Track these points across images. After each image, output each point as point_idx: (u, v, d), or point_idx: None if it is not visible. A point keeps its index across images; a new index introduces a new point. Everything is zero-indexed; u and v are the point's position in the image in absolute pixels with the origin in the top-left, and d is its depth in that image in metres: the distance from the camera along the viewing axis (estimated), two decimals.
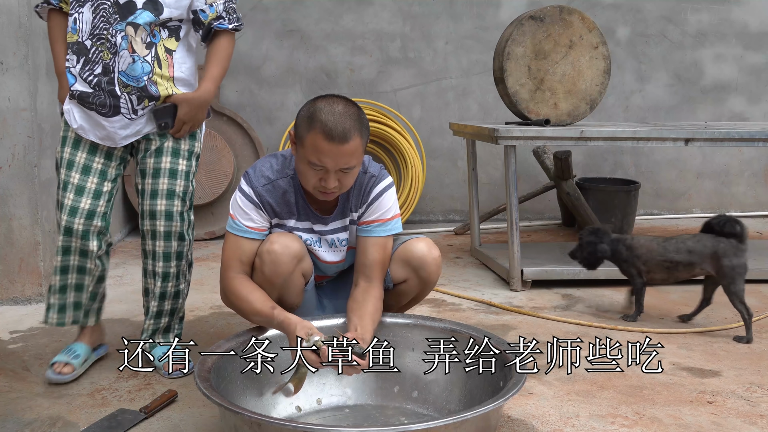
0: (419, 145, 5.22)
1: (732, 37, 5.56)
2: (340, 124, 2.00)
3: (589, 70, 3.82)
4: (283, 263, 2.17)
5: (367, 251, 2.23)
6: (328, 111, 2.01)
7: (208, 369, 1.95)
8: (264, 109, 5.23)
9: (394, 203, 2.28)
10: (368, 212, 2.25)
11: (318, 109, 2.03)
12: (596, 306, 3.36)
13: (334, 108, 2.02)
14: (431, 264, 2.32)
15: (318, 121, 2.00)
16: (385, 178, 2.26)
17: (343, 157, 2.02)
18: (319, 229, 2.28)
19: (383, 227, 2.25)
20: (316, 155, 2.02)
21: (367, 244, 2.24)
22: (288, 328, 2.04)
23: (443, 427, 1.70)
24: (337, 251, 2.33)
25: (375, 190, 2.24)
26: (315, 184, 2.09)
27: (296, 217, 2.25)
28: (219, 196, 4.76)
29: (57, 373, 2.39)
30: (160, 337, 2.56)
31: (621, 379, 2.49)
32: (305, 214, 2.25)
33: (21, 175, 3.26)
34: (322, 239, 2.30)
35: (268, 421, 1.73)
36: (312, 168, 2.05)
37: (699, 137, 3.59)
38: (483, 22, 5.31)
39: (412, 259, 2.31)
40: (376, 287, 2.21)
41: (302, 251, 2.24)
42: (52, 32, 2.40)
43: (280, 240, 2.19)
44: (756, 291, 3.56)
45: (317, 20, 5.20)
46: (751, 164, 5.74)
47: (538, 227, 5.25)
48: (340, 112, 2.02)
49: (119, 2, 2.27)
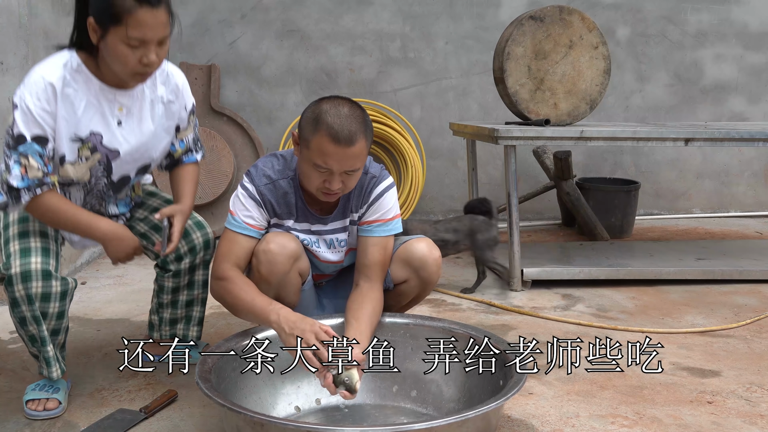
0: (419, 145, 5.22)
1: (732, 37, 5.56)
2: (347, 126, 1.99)
3: (589, 70, 3.82)
4: (279, 263, 2.17)
5: (368, 251, 2.23)
6: (334, 113, 2.01)
7: (209, 369, 1.95)
8: (264, 109, 5.23)
9: (395, 204, 2.28)
10: (369, 212, 2.25)
11: (323, 111, 2.02)
12: (596, 306, 3.36)
13: (339, 110, 2.02)
14: (432, 264, 2.32)
15: (324, 124, 2.00)
16: (385, 179, 2.27)
17: (348, 159, 2.02)
18: (318, 229, 2.28)
19: (384, 227, 2.25)
20: (321, 158, 2.02)
21: (367, 244, 2.24)
22: (288, 321, 2.02)
23: (445, 427, 1.70)
24: (336, 251, 2.33)
25: (376, 190, 2.25)
26: (318, 186, 2.09)
27: (294, 218, 2.25)
28: (219, 196, 4.76)
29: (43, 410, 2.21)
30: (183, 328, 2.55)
31: (621, 379, 2.49)
32: (304, 215, 2.25)
33: None
34: (320, 239, 2.30)
35: (271, 421, 1.73)
36: (316, 170, 2.05)
37: (699, 137, 3.59)
38: (483, 22, 5.31)
39: (413, 259, 2.32)
40: (376, 288, 2.21)
41: (299, 250, 2.24)
42: (59, 204, 2.09)
43: (277, 239, 2.19)
44: (756, 291, 3.57)
45: (317, 20, 5.20)
46: (751, 164, 5.74)
47: (538, 227, 5.25)
48: (345, 115, 2.01)
49: (114, 181, 2.22)
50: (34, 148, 1.99)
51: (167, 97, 2.23)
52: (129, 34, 1.91)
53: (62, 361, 2.22)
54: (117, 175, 2.21)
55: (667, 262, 3.83)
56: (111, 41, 1.94)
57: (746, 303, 3.38)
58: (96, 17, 1.95)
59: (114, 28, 1.92)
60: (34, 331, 2.12)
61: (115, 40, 1.93)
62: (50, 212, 2.06)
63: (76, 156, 2.09)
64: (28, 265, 2.05)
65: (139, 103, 2.17)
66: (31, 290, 2.05)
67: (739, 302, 3.40)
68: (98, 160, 2.13)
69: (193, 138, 2.39)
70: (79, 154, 2.09)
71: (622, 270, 3.69)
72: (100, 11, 1.94)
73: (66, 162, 2.08)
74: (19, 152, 1.98)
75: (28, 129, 1.98)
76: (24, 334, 2.17)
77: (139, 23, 1.90)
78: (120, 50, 1.94)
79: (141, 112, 2.17)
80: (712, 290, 3.60)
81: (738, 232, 5.06)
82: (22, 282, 2.04)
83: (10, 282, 2.05)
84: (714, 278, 3.70)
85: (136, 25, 1.90)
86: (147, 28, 1.91)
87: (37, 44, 3.30)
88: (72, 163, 2.09)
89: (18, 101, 1.99)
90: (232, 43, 5.14)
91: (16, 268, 2.05)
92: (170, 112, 2.25)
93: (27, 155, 1.98)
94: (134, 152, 2.19)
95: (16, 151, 1.98)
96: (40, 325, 2.11)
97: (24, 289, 2.04)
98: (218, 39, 5.12)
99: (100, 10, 1.93)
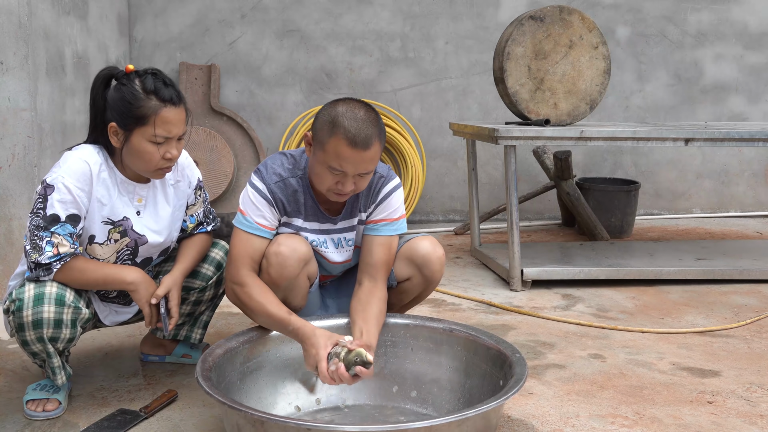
0: (419, 145, 5.22)
1: (732, 37, 5.56)
2: (363, 130, 2.01)
3: (589, 70, 3.82)
4: (289, 266, 2.17)
5: (373, 250, 2.24)
6: (351, 116, 2.02)
7: (209, 368, 1.95)
8: (264, 109, 5.24)
9: (401, 204, 2.30)
10: (376, 212, 2.27)
11: (340, 114, 2.03)
12: (596, 306, 3.36)
13: (356, 113, 2.03)
14: (435, 262, 2.33)
15: (341, 127, 2.00)
16: (393, 179, 2.29)
17: (363, 162, 2.04)
18: (327, 228, 2.29)
19: (390, 227, 2.26)
20: (337, 161, 2.02)
21: (373, 243, 2.25)
22: (305, 337, 2.04)
23: (445, 426, 1.70)
24: (344, 251, 2.34)
25: (384, 190, 2.26)
26: (330, 186, 2.09)
27: (303, 217, 2.25)
28: (219, 195, 4.76)
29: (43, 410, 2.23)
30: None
31: (621, 379, 2.50)
32: (313, 214, 2.25)
33: (21, 175, 3.26)
34: (328, 239, 2.30)
35: (272, 419, 1.73)
36: (331, 172, 2.06)
37: (699, 137, 3.59)
38: (483, 22, 5.31)
39: (416, 257, 2.33)
40: (380, 288, 2.22)
41: (309, 254, 2.24)
42: (86, 264, 2.13)
43: (288, 242, 2.19)
44: (756, 291, 3.57)
45: (317, 20, 5.20)
46: (751, 164, 5.75)
47: (538, 227, 5.25)
48: (362, 118, 2.02)
49: (137, 263, 2.29)
50: (67, 228, 2.07)
51: (175, 179, 2.33)
52: (156, 133, 2.06)
53: (67, 367, 2.23)
54: (141, 257, 2.29)
55: (667, 262, 3.83)
56: (136, 141, 2.08)
57: (746, 303, 3.38)
58: (119, 121, 2.08)
59: (140, 128, 2.07)
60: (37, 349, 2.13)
61: (141, 140, 2.08)
62: (78, 272, 2.11)
63: (105, 237, 2.18)
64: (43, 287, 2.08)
65: (153, 191, 2.27)
66: (42, 314, 2.06)
67: (739, 302, 3.40)
68: (126, 244, 2.22)
69: (203, 212, 2.44)
70: (108, 236, 2.19)
71: (622, 270, 3.69)
72: (123, 115, 2.07)
73: (95, 242, 2.17)
74: (52, 232, 2.05)
75: (65, 209, 2.06)
76: (26, 352, 2.18)
77: (164, 121, 2.06)
78: (145, 148, 2.08)
79: (156, 198, 2.27)
80: (712, 290, 3.60)
81: (738, 232, 5.06)
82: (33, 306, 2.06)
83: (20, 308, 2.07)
84: (714, 278, 3.70)
85: (162, 123, 2.06)
86: (171, 125, 2.08)
87: (37, 44, 3.31)
88: (100, 243, 2.19)
89: (55, 182, 2.06)
90: (232, 43, 5.14)
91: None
92: (179, 191, 2.35)
93: (60, 235, 2.05)
94: (158, 237, 2.27)
95: (48, 232, 2.05)
96: (46, 345, 2.11)
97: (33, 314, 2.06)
98: (218, 39, 5.13)
99: (123, 114, 2.07)
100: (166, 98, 2.06)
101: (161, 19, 5.08)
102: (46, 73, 3.43)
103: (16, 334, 2.10)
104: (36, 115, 3.28)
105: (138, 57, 5.06)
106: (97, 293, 2.30)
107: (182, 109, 2.11)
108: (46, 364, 2.18)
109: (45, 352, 2.12)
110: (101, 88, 2.12)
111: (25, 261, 2.15)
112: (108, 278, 2.15)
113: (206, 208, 2.45)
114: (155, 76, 2.09)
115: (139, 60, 5.06)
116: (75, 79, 3.84)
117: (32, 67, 3.24)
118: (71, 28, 3.81)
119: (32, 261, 2.06)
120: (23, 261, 2.18)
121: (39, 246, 2.04)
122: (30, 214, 2.08)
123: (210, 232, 2.46)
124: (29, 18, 3.20)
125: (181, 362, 2.60)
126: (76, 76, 3.86)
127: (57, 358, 2.15)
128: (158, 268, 2.44)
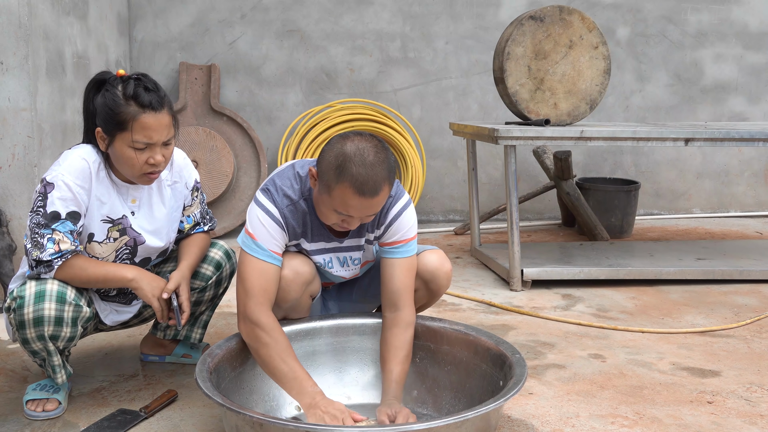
0: (419, 145, 5.22)
1: (732, 37, 5.56)
2: (372, 177, 1.90)
3: (589, 70, 3.82)
4: (292, 290, 2.16)
5: (394, 277, 2.15)
6: (359, 162, 1.90)
7: (209, 369, 1.95)
8: (264, 109, 5.23)
9: (414, 222, 2.19)
10: (388, 234, 2.17)
11: (348, 159, 1.91)
12: (596, 306, 3.36)
13: (365, 158, 1.90)
14: (442, 278, 2.29)
15: (348, 175, 1.89)
16: (402, 197, 2.17)
17: (371, 208, 1.96)
18: (333, 246, 2.23)
19: (405, 248, 2.17)
20: (344, 207, 1.95)
21: (393, 269, 2.15)
22: (313, 402, 1.98)
23: (444, 427, 1.70)
24: (349, 269, 2.29)
25: (393, 210, 2.16)
26: (336, 223, 2.05)
27: (309, 238, 2.19)
28: (219, 195, 4.75)
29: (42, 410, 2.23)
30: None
31: (621, 379, 2.50)
32: (319, 234, 2.19)
33: (21, 175, 3.26)
34: (334, 258, 2.25)
35: (270, 421, 1.73)
36: (336, 214, 1.99)
37: (699, 137, 3.59)
38: (483, 22, 5.31)
39: (424, 271, 2.27)
40: (404, 314, 2.15)
41: (312, 275, 2.21)
42: (87, 262, 2.13)
43: (291, 265, 2.14)
44: (756, 291, 3.57)
45: (317, 20, 5.20)
46: (751, 164, 5.75)
47: (538, 227, 5.25)
48: (371, 163, 1.91)
49: (136, 263, 2.29)
50: (67, 225, 2.07)
51: (172, 179, 2.33)
52: (135, 138, 2.06)
53: (68, 366, 2.23)
54: (139, 257, 2.29)
55: (667, 262, 3.83)
56: (118, 146, 2.09)
57: (746, 303, 3.39)
58: (103, 127, 2.09)
59: (120, 134, 2.07)
60: (38, 347, 2.13)
61: (122, 145, 2.08)
62: (79, 269, 2.11)
63: (104, 236, 2.19)
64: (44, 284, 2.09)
65: (148, 191, 2.27)
66: (43, 312, 2.06)
67: (739, 302, 3.40)
68: (125, 242, 2.22)
69: (200, 213, 2.44)
70: (108, 235, 2.19)
71: (622, 270, 3.69)
72: (106, 121, 2.08)
73: (93, 240, 2.17)
74: (53, 229, 2.05)
75: (65, 206, 2.07)
76: (26, 351, 2.17)
77: (143, 127, 2.05)
78: (127, 153, 2.08)
79: (150, 200, 2.27)
80: (712, 290, 3.60)
81: (738, 232, 5.06)
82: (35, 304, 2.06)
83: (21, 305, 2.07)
84: (714, 278, 3.70)
85: (141, 129, 2.05)
86: (151, 130, 2.07)
87: (37, 44, 3.31)
88: (99, 242, 2.19)
89: (54, 179, 2.07)
90: (232, 43, 5.14)
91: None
92: (177, 192, 2.35)
93: (61, 232, 2.06)
94: (153, 237, 2.27)
95: (49, 229, 2.05)
96: (47, 343, 2.11)
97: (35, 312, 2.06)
98: (218, 39, 5.12)
99: (106, 120, 2.08)
100: (145, 104, 2.04)
101: (161, 19, 5.08)
102: (46, 73, 3.43)
103: (17, 332, 2.10)
104: (36, 115, 3.28)
105: (138, 57, 5.07)
106: (98, 292, 2.30)
107: (165, 114, 2.08)
108: (46, 363, 2.18)
109: (45, 350, 2.12)
110: (92, 93, 2.13)
111: (26, 263, 2.15)
112: (109, 275, 2.15)
113: (203, 209, 2.46)
114: (138, 81, 2.08)
115: (139, 60, 5.06)
116: (75, 79, 3.84)
117: (32, 67, 3.24)
118: (71, 28, 3.81)
119: (33, 258, 2.06)
120: (24, 263, 2.18)
121: (40, 243, 2.05)
122: (30, 212, 2.08)
123: (207, 232, 2.46)
124: (29, 18, 3.20)
125: (181, 362, 2.60)
126: (76, 76, 3.86)
127: (57, 356, 2.15)
128: (157, 268, 2.44)
